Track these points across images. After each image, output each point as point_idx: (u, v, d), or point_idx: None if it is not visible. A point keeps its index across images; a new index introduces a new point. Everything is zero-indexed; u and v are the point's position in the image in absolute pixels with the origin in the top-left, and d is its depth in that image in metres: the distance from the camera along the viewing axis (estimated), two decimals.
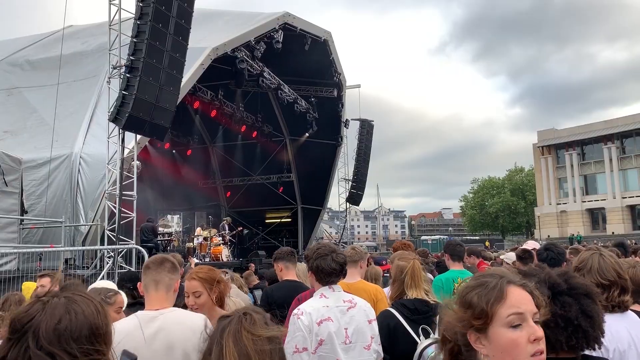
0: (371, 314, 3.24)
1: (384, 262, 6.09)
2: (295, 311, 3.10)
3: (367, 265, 5.11)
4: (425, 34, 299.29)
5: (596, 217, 59.58)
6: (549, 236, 54.37)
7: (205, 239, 19.89)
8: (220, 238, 20.28)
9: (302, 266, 5.26)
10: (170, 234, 21.33)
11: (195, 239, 20.44)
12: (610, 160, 56.31)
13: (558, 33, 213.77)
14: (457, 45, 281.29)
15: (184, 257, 15.51)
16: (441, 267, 6.23)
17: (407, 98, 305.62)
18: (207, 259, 18.91)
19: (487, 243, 47.96)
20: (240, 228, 22.66)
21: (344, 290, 3.32)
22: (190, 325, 2.59)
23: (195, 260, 15.75)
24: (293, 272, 4.85)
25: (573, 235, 49.00)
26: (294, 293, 4.07)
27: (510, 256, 7.24)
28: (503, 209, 73.23)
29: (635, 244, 20.32)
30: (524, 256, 5.88)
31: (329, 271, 3.22)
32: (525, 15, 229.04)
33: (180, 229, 26.75)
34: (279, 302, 4.42)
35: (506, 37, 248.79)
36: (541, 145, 62.00)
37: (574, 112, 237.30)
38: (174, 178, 25.64)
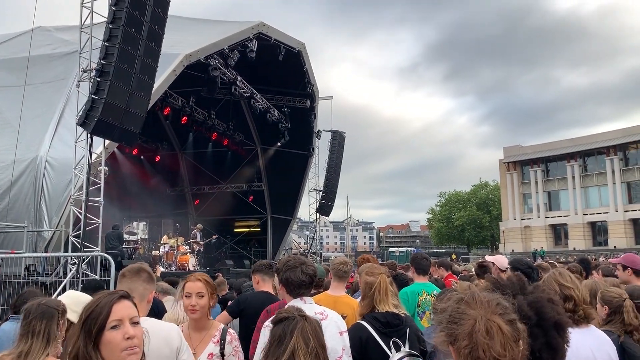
0: (342, 326, 3.26)
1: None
2: (266, 322, 3.08)
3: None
4: (399, 54, 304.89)
5: (559, 232, 61.13)
6: (513, 250, 55.46)
7: (171, 247, 19.60)
8: (188, 246, 20.02)
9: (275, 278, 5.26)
10: (136, 242, 20.96)
11: (161, 246, 20.12)
12: (573, 177, 57.98)
13: (525, 57, 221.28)
14: (428, 65, 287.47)
15: (150, 265, 15.21)
16: (398, 280, 6.26)
17: (380, 113, 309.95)
18: (173, 268, 18.63)
19: (453, 256, 48.57)
20: (216, 236, 22.42)
21: (317, 304, 3.33)
22: (163, 335, 2.56)
23: (161, 268, 15.50)
24: (270, 284, 4.84)
25: (536, 250, 50.09)
26: (268, 303, 4.05)
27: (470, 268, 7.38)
28: (469, 222, 74.46)
29: (595, 259, 20.92)
30: (480, 272, 6.03)
31: (299, 283, 3.23)
32: (495, 39, 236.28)
33: (146, 237, 26.28)
34: (250, 311, 4.39)
35: (476, 59, 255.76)
36: (507, 161, 63.41)
37: (539, 131, 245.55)
38: (142, 184, 25.21)
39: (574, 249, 54.72)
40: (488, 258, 6.29)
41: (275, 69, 22.75)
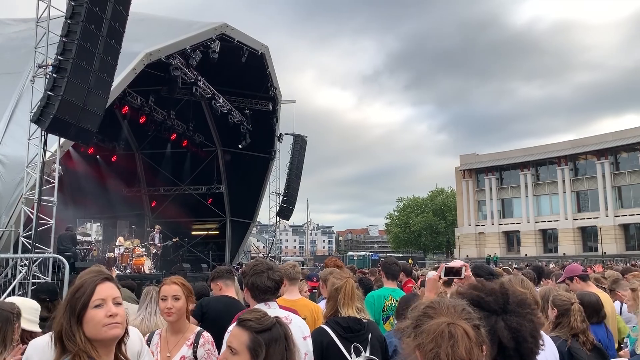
0: (306, 331, 3.28)
1: (314, 279, 6.14)
2: (230, 328, 3.07)
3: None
4: (362, 62, 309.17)
5: (511, 239, 62.98)
6: (467, 256, 56.77)
7: (127, 249, 19.15)
8: (144, 249, 19.60)
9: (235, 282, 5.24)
10: (89, 243, 20.36)
11: (116, 248, 19.62)
12: (526, 186, 59.89)
13: (483, 69, 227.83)
14: (390, 74, 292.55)
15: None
16: (363, 284, 6.33)
17: (343, 119, 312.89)
18: (128, 271, 18.21)
19: (410, 261, 49.20)
20: (176, 238, 22.00)
21: (284, 307, 3.34)
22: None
23: (116, 271, 15.13)
24: (232, 289, 4.82)
25: (490, 256, 51.46)
26: (231, 309, 4.03)
27: (432, 274, 7.51)
28: (425, 228, 75.82)
29: (546, 265, 21.69)
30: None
31: (264, 288, 3.24)
32: (454, 51, 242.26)
33: (101, 238, 25.58)
34: (212, 314, 4.36)
35: (436, 69, 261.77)
36: (463, 169, 64.95)
37: (494, 141, 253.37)
38: (97, 184, 24.55)
39: (526, 255, 56.49)
40: (455, 263, 6.42)
41: (237, 71, 22.60)
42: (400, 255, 74.61)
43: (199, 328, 3.45)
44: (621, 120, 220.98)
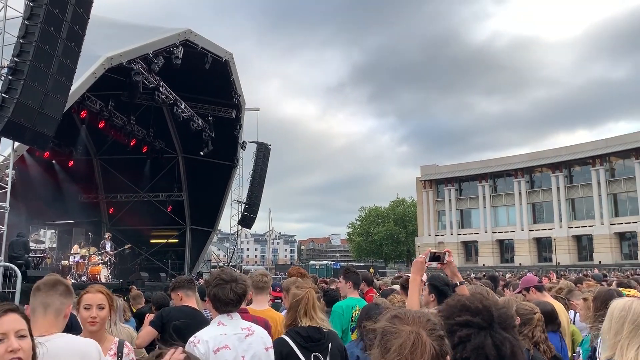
0: (268, 342, 3.26)
1: (277, 289, 6.11)
2: (191, 339, 3.03)
3: None
4: (327, 73, 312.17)
5: (469, 249, 64.29)
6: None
7: (82, 257, 18.61)
8: (100, 257, 19.09)
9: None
10: (43, 251, 19.70)
11: (71, 256, 19.04)
12: (484, 197, 61.32)
13: (443, 83, 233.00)
14: (354, 86, 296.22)
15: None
16: (329, 296, 6.34)
17: (307, 129, 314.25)
18: (83, 279, 17.68)
19: (371, 270, 49.56)
20: (129, 245, 21.45)
21: (250, 316, 3.31)
22: (81, 351, 2.44)
23: (71, 280, 14.67)
24: (193, 300, 4.76)
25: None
26: (192, 319, 3.96)
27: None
28: (387, 237, 76.54)
29: (503, 276, 22.18)
30: (407, 285, 6.22)
31: (226, 301, 3.20)
32: (416, 65, 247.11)
33: (55, 246, 24.76)
34: (175, 326, 4.27)
35: (398, 83, 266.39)
36: (424, 180, 66.03)
37: (454, 153, 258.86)
38: (52, 190, 23.81)
39: (483, 265, 57.74)
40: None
41: (201, 78, 22.39)
42: (362, 264, 75.06)
43: (117, 338, 3.34)
44: (574, 135, 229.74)
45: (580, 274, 21.24)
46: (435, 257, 3.26)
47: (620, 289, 5.35)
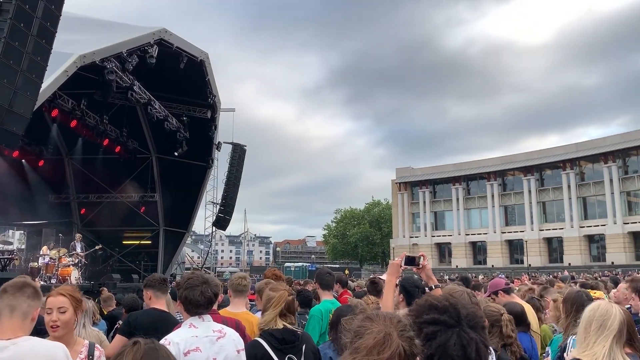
0: (240, 344, 3.25)
1: (251, 292, 6.07)
2: (162, 341, 2.99)
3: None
4: (305, 76, 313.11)
5: (443, 251, 65.02)
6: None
7: (52, 258, 18.20)
8: (70, 258, 18.70)
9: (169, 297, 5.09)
10: (11, 252, 19.17)
11: (40, 258, 18.61)
12: (457, 199, 62.12)
13: (419, 88, 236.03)
14: (332, 89, 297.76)
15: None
16: (302, 297, 6.33)
17: (284, 131, 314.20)
18: (53, 281, 17.30)
19: (346, 271, 49.71)
20: (100, 246, 21.09)
21: (220, 319, 3.29)
22: (48, 355, 2.39)
23: (40, 282, 14.35)
24: (163, 301, 4.67)
25: None
26: (161, 323, 3.90)
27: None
28: (362, 239, 76.91)
29: (476, 277, 22.50)
30: (371, 288, 6.30)
31: (197, 303, 3.18)
32: (392, 70, 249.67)
33: (24, 246, 24.19)
34: (141, 332, 4.18)
35: (375, 87, 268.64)
36: (399, 182, 66.55)
37: (429, 156, 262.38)
38: (21, 190, 23.27)
39: (457, 266, 58.47)
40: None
41: (176, 77, 22.17)
42: (337, 265, 75.26)
43: (87, 341, 3.26)
44: (545, 140, 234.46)
45: (551, 276, 21.67)
46: (410, 261, 3.30)
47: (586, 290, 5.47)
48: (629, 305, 4.83)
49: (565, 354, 3.69)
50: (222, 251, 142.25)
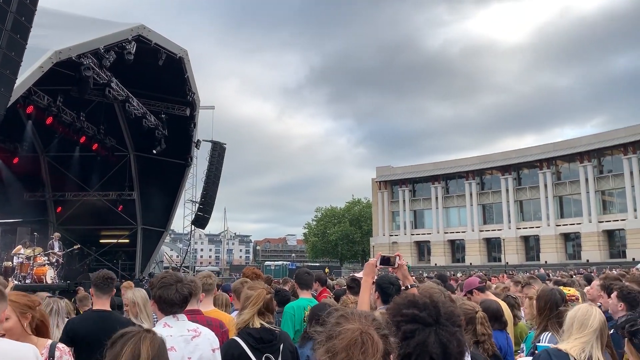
0: (215, 343, 3.23)
1: (230, 294, 6.04)
2: None
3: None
4: (286, 75, 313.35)
5: (422, 249, 65.54)
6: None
7: (27, 257, 17.86)
8: (46, 257, 18.38)
9: (141, 292, 5.00)
10: None
11: (15, 257, 18.25)
12: (436, 198, 62.65)
13: (398, 88, 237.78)
14: (312, 88, 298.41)
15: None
16: (280, 296, 6.33)
17: (265, 130, 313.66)
18: (28, 280, 16.99)
19: (326, 270, 49.81)
20: (78, 245, 20.77)
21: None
22: (18, 356, 2.34)
23: (14, 282, 14.09)
24: (105, 301, 4.48)
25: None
26: (102, 324, 3.79)
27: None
28: (342, 237, 77.12)
29: (454, 275, 22.73)
30: (352, 285, 6.31)
31: (171, 302, 3.15)
32: (373, 69, 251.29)
33: None
34: (83, 337, 4.03)
35: (355, 86, 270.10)
36: (379, 181, 66.87)
37: (409, 155, 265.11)
38: None
39: (435, 264, 58.99)
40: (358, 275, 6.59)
41: (154, 74, 21.92)
42: (318, 264, 75.39)
43: (50, 341, 3.18)
44: (523, 140, 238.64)
45: (528, 273, 21.98)
46: (385, 261, 3.33)
47: (560, 287, 5.57)
48: (599, 303, 4.94)
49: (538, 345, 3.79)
50: (202, 250, 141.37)
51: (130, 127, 25.08)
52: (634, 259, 44.68)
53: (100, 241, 26.91)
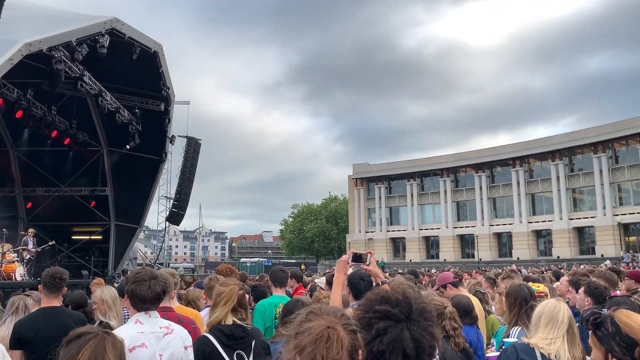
0: (187, 340, 3.21)
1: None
2: None
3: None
4: (263, 72, 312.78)
5: (398, 245, 66.09)
6: None
7: None
8: (16, 254, 17.98)
9: (109, 290, 4.93)
10: None
11: None
12: (412, 195, 63.21)
13: (375, 86, 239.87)
14: (290, 85, 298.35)
15: None
16: (257, 291, 6.33)
17: (242, 126, 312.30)
18: None
19: (302, 266, 49.85)
20: (52, 242, 20.37)
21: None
22: None
23: None
24: (54, 300, 4.39)
25: (377, 261, 53.43)
26: (53, 321, 3.71)
27: (323, 280, 7.72)
28: (319, 234, 77.26)
29: (428, 271, 22.96)
30: (332, 281, 6.34)
31: (144, 298, 3.13)
32: (350, 68, 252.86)
33: None
34: (36, 338, 3.93)
35: (333, 84, 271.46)
36: (355, 177, 67.14)
37: (385, 153, 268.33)
38: None
39: (410, 261, 59.54)
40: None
41: (128, 68, 21.58)
42: (294, 260, 75.39)
43: None
44: (496, 138, 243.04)
45: (499, 269, 22.34)
46: (357, 258, 3.35)
47: (529, 283, 5.68)
48: (567, 299, 5.06)
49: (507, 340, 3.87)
50: (177, 247, 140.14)
51: (104, 121, 24.66)
52: (602, 255, 45.84)
53: (73, 237, 26.43)
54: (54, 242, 20.78)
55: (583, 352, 3.30)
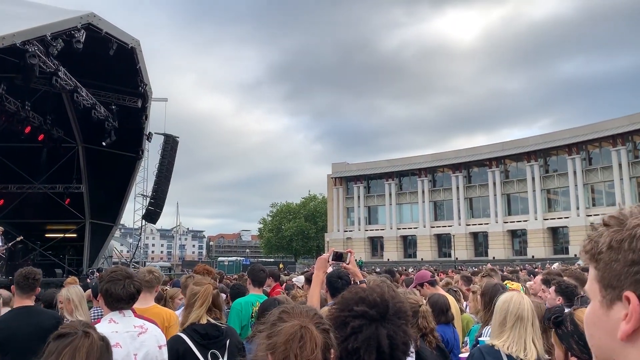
0: (162, 340, 3.19)
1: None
2: None
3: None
4: (243, 71, 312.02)
5: (376, 244, 66.45)
6: None
7: None
8: None
9: (76, 289, 4.85)
10: None
11: None
12: (390, 195, 63.61)
13: (355, 86, 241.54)
14: (270, 84, 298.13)
15: None
16: (235, 291, 6.30)
17: (222, 125, 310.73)
18: None
19: (280, 265, 49.76)
20: (20, 237, 19.94)
21: (137, 315, 3.20)
22: None
23: None
24: (26, 300, 4.34)
25: (356, 260, 53.63)
26: (26, 319, 3.66)
27: (300, 279, 7.73)
28: (297, 233, 77.15)
29: (406, 270, 23.13)
30: (311, 279, 6.34)
31: (118, 297, 3.09)
32: (330, 68, 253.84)
33: None
34: (11, 337, 3.86)
35: (313, 84, 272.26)
36: (334, 177, 67.28)
37: (364, 153, 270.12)
38: None
39: (388, 260, 59.91)
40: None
41: (105, 64, 21.25)
42: (272, 259, 75.19)
43: None
44: (473, 139, 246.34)
45: (475, 269, 22.61)
46: (337, 256, 3.38)
47: (505, 282, 5.77)
48: (540, 296, 5.15)
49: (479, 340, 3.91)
50: (153, 245, 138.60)
51: (79, 118, 24.24)
52: (575, 255, 46.74)
53: (46, 235, 25.95)
54: (22, 238, 20.33)
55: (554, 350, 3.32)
